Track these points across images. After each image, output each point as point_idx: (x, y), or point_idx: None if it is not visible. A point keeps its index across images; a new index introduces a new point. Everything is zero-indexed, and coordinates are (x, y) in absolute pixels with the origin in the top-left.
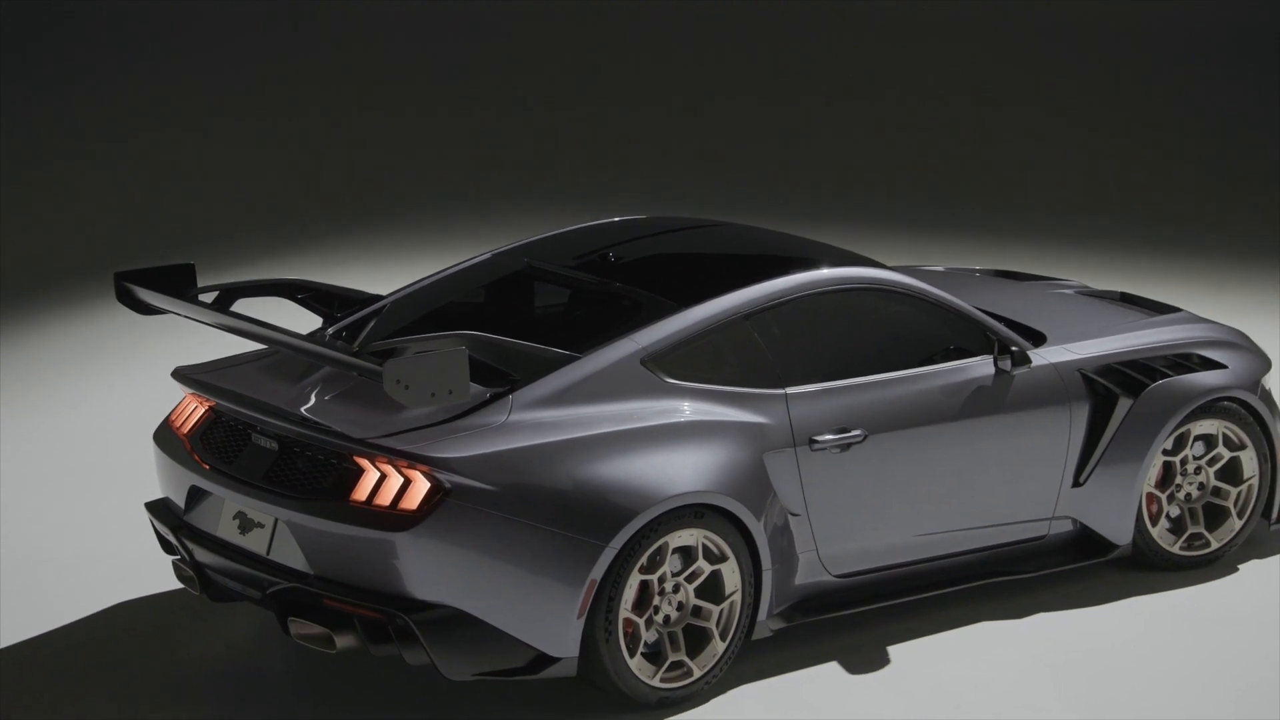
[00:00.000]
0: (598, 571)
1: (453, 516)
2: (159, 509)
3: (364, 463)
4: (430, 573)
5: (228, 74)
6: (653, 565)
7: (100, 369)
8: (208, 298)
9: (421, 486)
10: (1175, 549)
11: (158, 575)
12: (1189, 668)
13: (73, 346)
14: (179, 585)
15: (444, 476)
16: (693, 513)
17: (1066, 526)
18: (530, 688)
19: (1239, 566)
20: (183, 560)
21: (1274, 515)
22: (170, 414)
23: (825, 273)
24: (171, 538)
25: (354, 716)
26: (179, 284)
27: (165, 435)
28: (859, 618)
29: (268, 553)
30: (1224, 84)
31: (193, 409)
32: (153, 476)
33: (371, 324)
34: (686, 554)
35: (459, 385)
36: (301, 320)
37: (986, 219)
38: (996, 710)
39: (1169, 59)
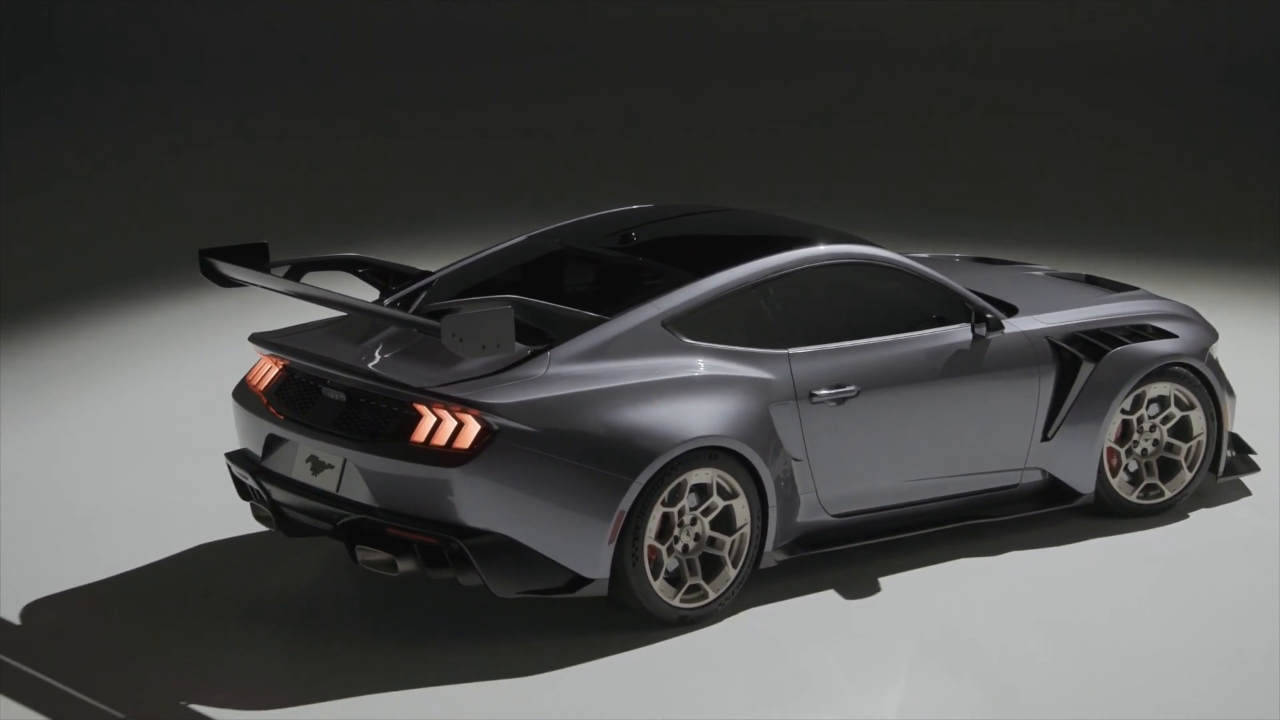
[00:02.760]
0: (626, 504)
1: (501, 455)
2: (237, 457)
3: (422, 409)
4: (481, 504)
5: (272, 95)
6: (673, 500)
7: (172, 352)
8: (279, 272)
9: (473, 428)
10: (1133, 498)
11: (231, 522)
12: (1140, 596)
13: (146, 332)
14: (250, 531)
15: (493, 420)
16: (708, 454)
17: (1036, 476)
18: (567, 607)
19: (1189, 514)
20: (260, 501)
21: (1220, 469)
22: (247, 374)
23: (823, 249)
24: (250, 481)
25: (405, 635)
26: (254, 260)
27: (243, 392)
28: (853, 553)
29: (337, 490)
30: (1221, 92)
31: (267, 369)
32: (222, 442)
33: (423, 295)
34: (702, 491)
35: (505, 339)
36: (361, 292)
37: (980, 230)
38: (974, 630)
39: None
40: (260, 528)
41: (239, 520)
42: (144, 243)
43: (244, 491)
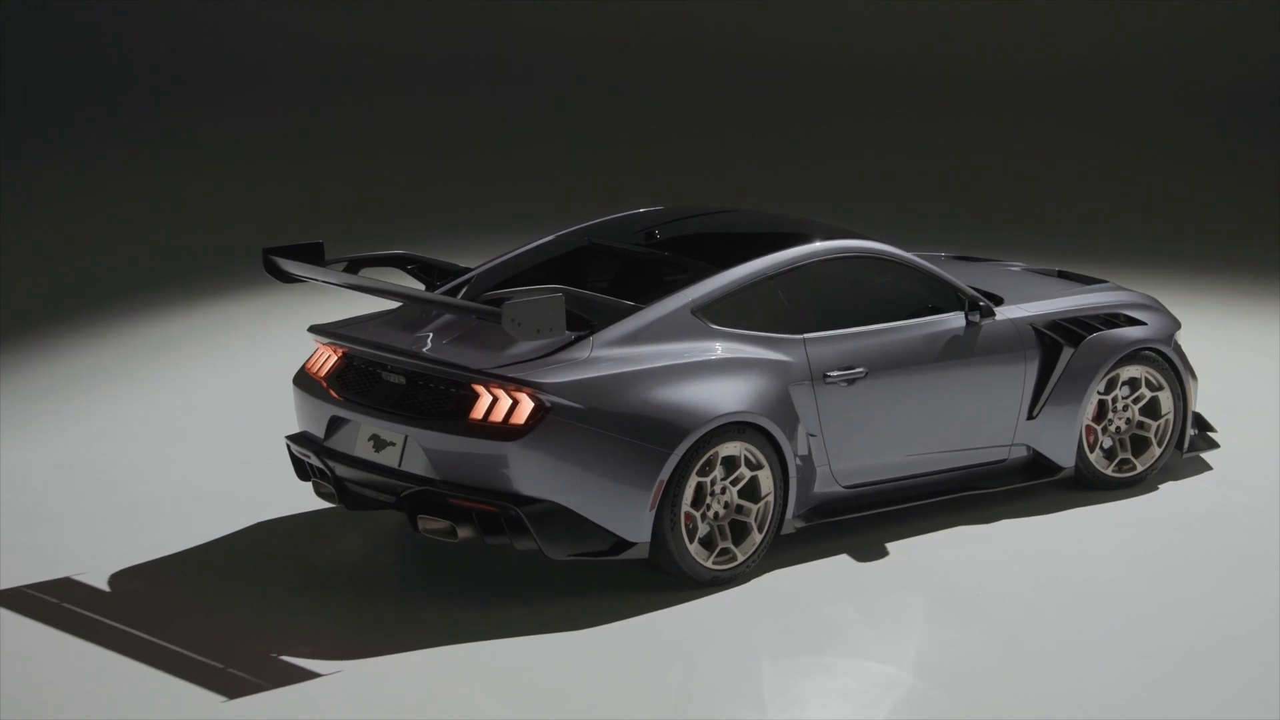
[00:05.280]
0: (665, 473)
1: (553, 429)
2: (298, 439)
3: (479, 389)
4: (535, 475)
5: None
6: (706, 470)
7: (212, 348)
8: (337, 268)
9: (527, 406)
10: (1108, 471)
11: (284, 502)
12: (1115, 555)
13: (188, 330)
14: (303, 510)
15: (545, 398)
16: (736, 429)
17: (1022, 452)
18: (597, 574)
19: (1158, 486)
20: (323, 478)
21: (1185, 446)
22: (305, 363)
23: (833, 244)
24: (314, 459)
25: (458, 598)
26: (311, 257)
27: (303, 379)
28: (862, 520)
29: (399, 465)
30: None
31: (326, 357)
32: (271, 428)
33: (464, 289)
34: (731, 462)
35: (557, 324)
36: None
37: (965, 237)
38: (978, 587)
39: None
40: (313, 507)
41: (291, 499)
42: (182, 247)
43: (302, 472)
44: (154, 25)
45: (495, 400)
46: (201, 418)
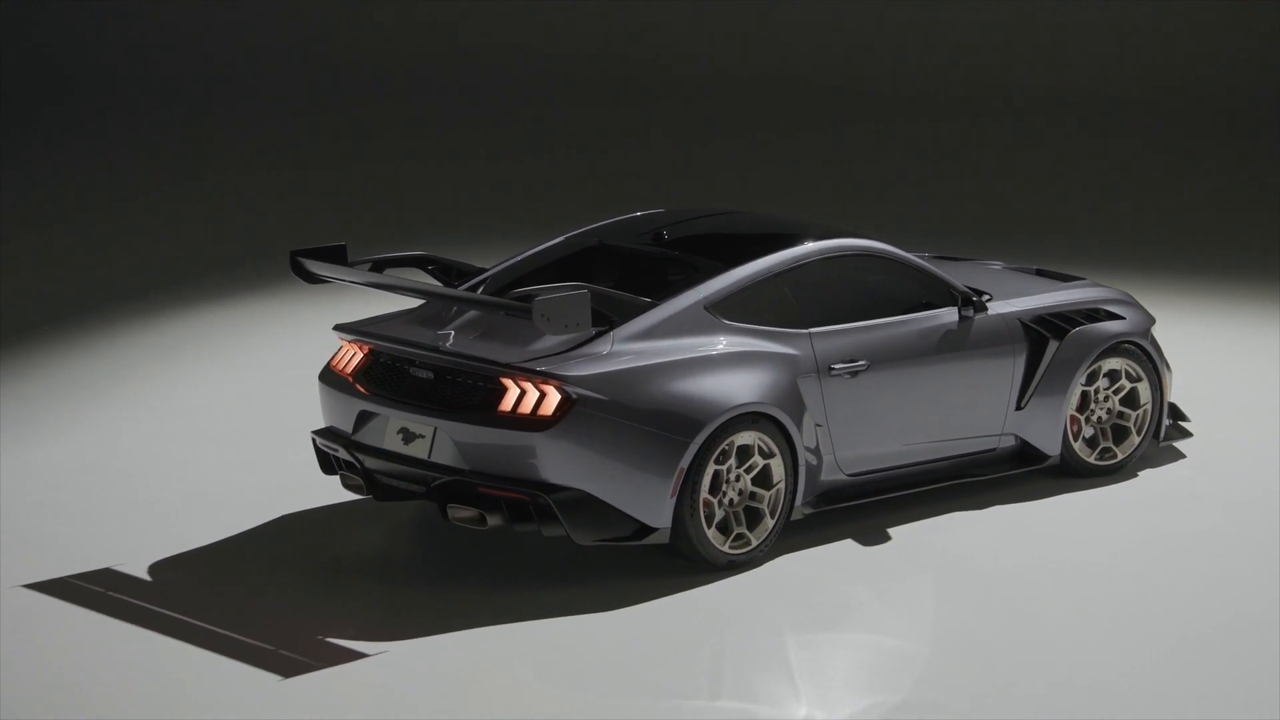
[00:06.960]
0: (685, 462)
1: (579, 420)
2: (325, 434)
3: (507, 382)
4: (562, 464)
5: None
6: (722, 459)
7: (231, 351)
8: (362, 268)
9: (554, 398)
10: (1091, 459)
11: (304, 499)
12: (1105, 538)
13: (214, 330)
14: (323, 505)
15: (571, 390)
16: (750, 419)
17: (1011, 441)
18: (623, 558)
19: (1138, 473)
20: (352, 471)
21: (1161, 435)
22: (330, 360)
23: (834, 242)
24: (343, 453)
25: (487, 584)
26: (336, 258)
27: (329, 376)
28: (863, 507)
29: (429, 456)
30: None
31: (352, 354)
32: (284, 431)
33: (483, 288)
34: (745, 451)
35: (584, 319)
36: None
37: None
38: (981, 568)
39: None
40: (330, 501)
41: (309, 494)
42: (197, 252)
43: (328, 466)
44: (162, 31)
45: (523, 393)
46: (219, 416)
